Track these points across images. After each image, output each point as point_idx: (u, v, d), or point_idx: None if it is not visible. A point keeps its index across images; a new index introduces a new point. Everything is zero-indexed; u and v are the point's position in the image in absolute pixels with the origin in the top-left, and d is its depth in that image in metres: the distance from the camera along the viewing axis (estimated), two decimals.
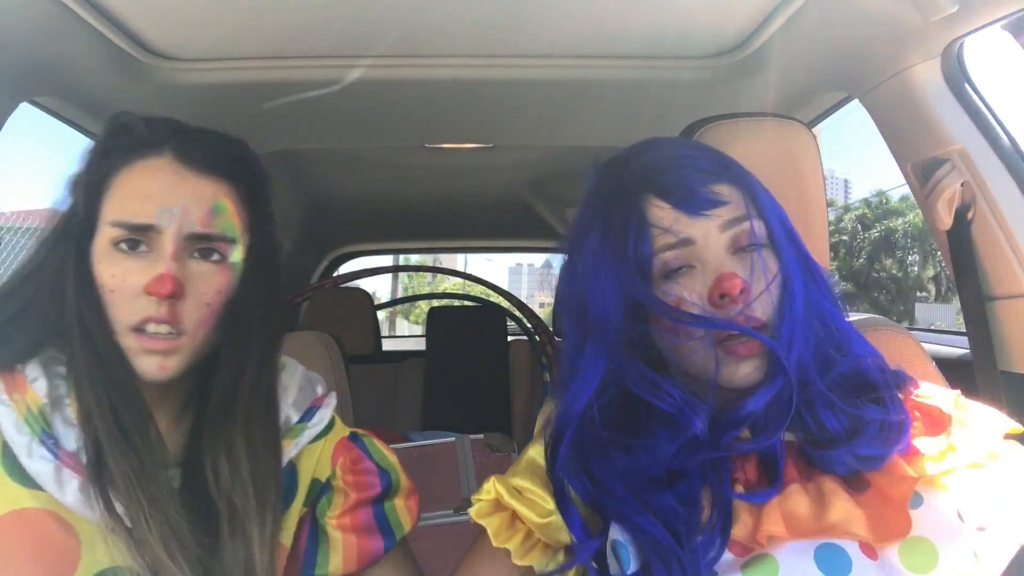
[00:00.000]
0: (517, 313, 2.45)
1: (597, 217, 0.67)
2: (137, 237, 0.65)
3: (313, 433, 0.77)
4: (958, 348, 1.25)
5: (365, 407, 1.76)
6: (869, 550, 0.57)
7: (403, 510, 0.80)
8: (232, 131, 0.74)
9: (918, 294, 22.75)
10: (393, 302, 6.93)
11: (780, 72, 1.13)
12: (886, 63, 1.02)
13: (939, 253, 1.10)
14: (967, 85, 1.00)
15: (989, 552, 0.56)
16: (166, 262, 0.64)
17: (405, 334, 11.22)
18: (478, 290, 3.54)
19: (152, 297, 0.63)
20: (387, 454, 0.83)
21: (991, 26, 0.90)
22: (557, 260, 0.74)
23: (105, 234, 0.66)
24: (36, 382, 0.65)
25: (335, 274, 2.98)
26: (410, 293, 14.45)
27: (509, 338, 2.51)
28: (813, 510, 0.58)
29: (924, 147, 1.03)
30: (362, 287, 2.59)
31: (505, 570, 0.67)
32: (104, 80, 1.11)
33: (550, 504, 0.65)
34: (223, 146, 0.72)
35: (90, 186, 0.68)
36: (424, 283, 18.63)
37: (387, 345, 2.73)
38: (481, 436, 1.74)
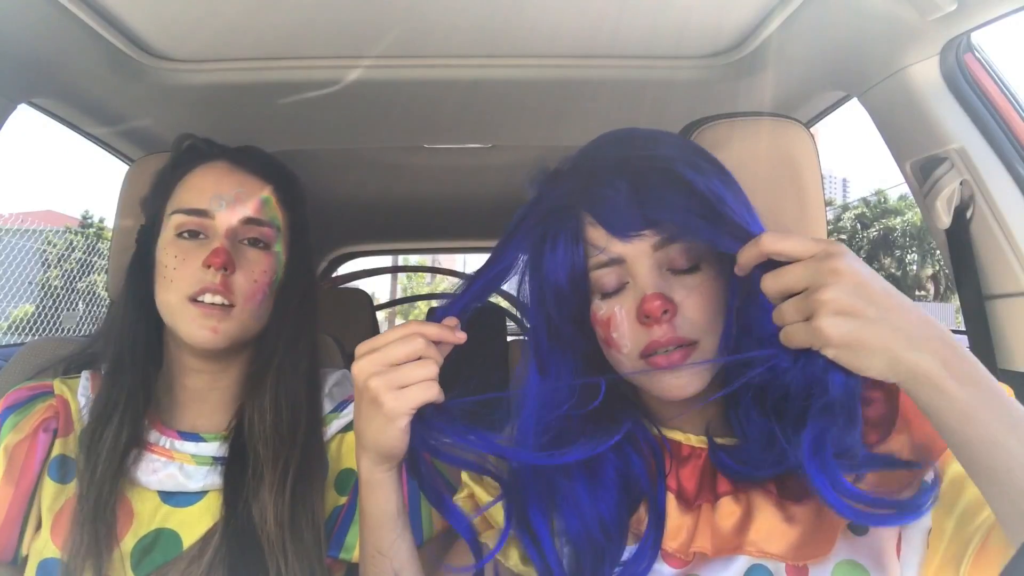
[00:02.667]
0: (516, 313, 2.45)
1: (536, 228, 0.66)
2: (195, 227, 0.77)
3: (342, 424, 0.85)
4: None
5: None
6: (797, 572, 0.57)
7: (435, 515, 0.81)
8: (230, 131, 0.81)
9: (917, 293, 22.77)
10: (393, 303, 6.92)
11: (778, 71, 1.13)
12: (884, 62, 1.02)
13: (938, 252, 1.10)
14: (966, 83, 1.00)
15: None
16: (220, 240, 0.76)
17: None
18: None
19: (209, 269, 0.74)
20: None
21: (990, 24, 0.90)
22: None
23: (169, 225, 0.78)
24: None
25: (334, 275, 2.97)
26: (409, 294, 14.43)
27: (509, 338, 2.51)
28: (738, 526, 0.59)
29: (923, 146, 1.03)
30: (361, 288, 2.59)
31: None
32: (102, 81, 1.11)
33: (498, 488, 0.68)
34: (268, 159, 0.87)
35: (158, 192, 0.82)
36: (423, 283, 18.61)
37: None
38: None
